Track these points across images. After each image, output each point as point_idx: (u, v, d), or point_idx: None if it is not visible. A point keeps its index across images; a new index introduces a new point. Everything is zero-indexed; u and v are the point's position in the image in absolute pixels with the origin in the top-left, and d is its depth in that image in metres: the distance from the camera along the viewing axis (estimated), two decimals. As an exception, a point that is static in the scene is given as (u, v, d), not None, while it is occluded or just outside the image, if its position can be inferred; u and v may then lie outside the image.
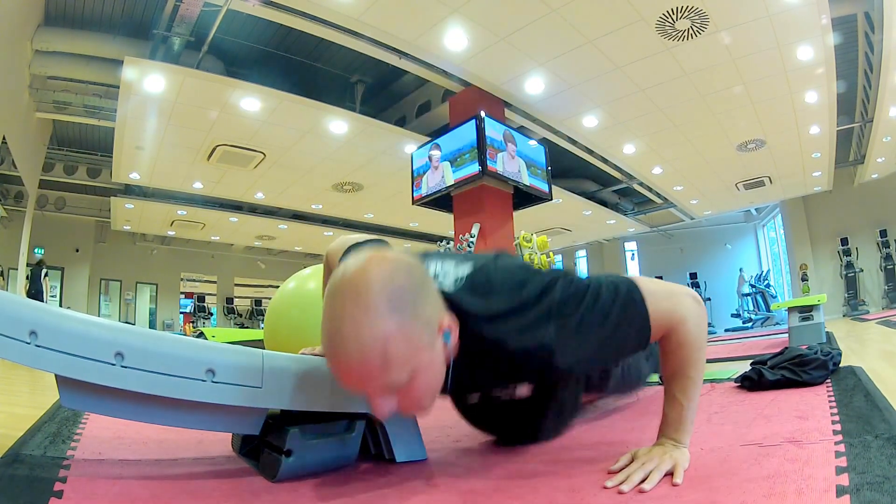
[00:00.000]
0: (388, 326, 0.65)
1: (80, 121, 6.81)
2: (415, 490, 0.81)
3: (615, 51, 5.23)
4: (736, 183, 9.32)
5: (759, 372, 1.51)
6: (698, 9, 4.60)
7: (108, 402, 0.77)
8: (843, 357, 1.72)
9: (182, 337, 0.93)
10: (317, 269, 2.24)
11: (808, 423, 0.99)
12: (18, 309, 0.71)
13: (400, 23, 4.80)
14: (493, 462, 0.97)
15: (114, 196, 8.96)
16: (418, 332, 0.69)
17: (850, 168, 9.50)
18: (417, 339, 0.69)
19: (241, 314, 13.93)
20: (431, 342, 0.71)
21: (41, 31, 5.58)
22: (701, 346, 0.83)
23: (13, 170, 6.85)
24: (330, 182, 8.52)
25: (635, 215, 11.32)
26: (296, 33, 5.51)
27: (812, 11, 4.67)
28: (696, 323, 0.82)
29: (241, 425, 0.89)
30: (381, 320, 0.65)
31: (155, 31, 5.36)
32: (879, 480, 0.62)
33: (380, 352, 0.65)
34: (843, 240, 10.31)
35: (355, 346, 0.65)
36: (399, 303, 0.67)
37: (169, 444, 1.14)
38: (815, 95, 6.14)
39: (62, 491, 0.75)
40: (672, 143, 7.45)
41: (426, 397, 0.74)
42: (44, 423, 1.25)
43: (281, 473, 0.84)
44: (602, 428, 1.26)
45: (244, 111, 6.17)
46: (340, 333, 0.66)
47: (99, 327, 0.76)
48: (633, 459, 0.80)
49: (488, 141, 5.47)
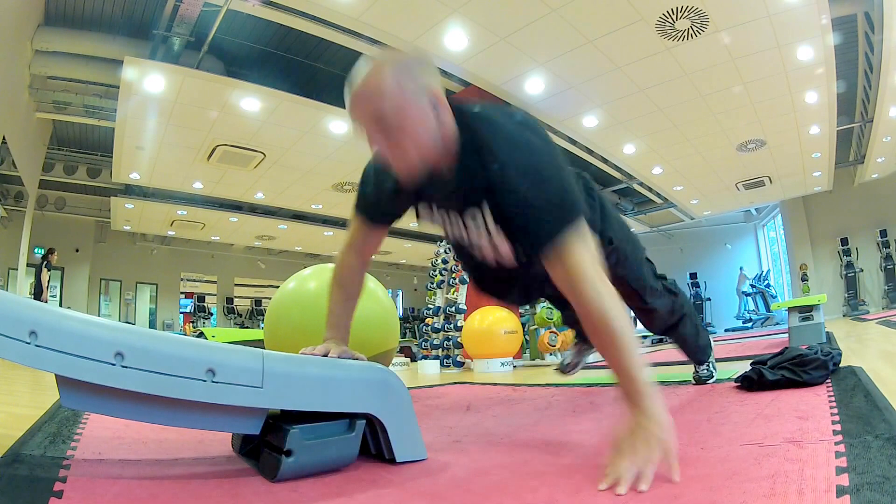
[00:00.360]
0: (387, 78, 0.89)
1: (80, 121, 6.80)
2: (415, 490, 0.81)
3: (615, 51, 5.23)
4: (736, 183, 9.31)
5: (759, 372, 1.51)
6: (698, 9, 4.60)
7: (108, 402, 0.77)
8: (843, 357, 1.72)
9: (182, 337, 0.93)
10: (316, 269, 2.24)
11: (808, 423, 0.99)
12: (18, 309, 0.71)
13: (400, 23, 4.80)
14: (493, 462, 0.97)
15: (114, 196, 8.95)
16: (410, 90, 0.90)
17: (850, 168, 9.50)
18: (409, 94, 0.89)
19: (241, 314, 13.92)
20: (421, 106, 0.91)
21: (41, 31, 5.57)
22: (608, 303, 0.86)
23: (13, 170, 6.84)
24: (330, 182, 8.52)
25: (635, 215, 11.31)
26: (296, 33, 5.50)
27: (812, 11, 4.67)
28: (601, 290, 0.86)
29: (241, 425, 0.89)
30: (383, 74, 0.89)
31: (155, 31, 5.35)
32: (879, 480, 0.62)
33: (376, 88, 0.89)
34: (843, 240, 10.31)
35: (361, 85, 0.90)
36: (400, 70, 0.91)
37: (169, 444, 1.14)
38: (815, 95, 6.14)
39: (62, 491, 0.75)
40: (672, 143, 7.45)
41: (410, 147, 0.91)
42: (44, 423, 1.25)
43: (281, 473, 0.84)
44: (604, 428, 1.26)
45: (244, 111, 6.17)
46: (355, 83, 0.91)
47: (99, 327, 0.76)
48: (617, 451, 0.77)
49: (489, 141, 5.47)
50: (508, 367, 4.28)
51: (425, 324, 5.55)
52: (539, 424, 1.40)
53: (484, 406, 1.85)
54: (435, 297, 5.52)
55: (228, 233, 11.80)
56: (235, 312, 13.84)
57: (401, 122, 0.89)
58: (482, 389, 2.47)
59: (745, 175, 8.91)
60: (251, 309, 13.98)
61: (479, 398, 2.11)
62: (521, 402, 1.87)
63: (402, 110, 0.89)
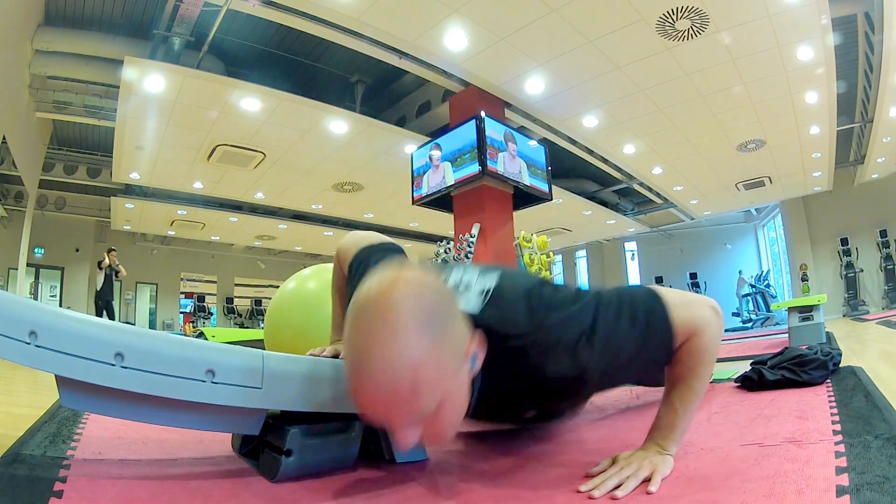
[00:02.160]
0: (418, 352, 0.61)
1: (80, 121, 6.81)
2: (414, 490, 0.81)
3: (615, 51, 5.23)
4: (736, 183, 9.32)
5: (759, 372, 1.51)
6: (698, 9, 4.60)
7: (108, 402, 0.77)
8: (843, 357, 1.72)
9: (182, 337, 0.93)
10: (317, 269, 2.24)
11: (808, 423, 0.99)
12: (18, 309, 0.71)
13: (400, 23, 4.80)
14: (493, 462, 0.97)
15: (114, 196, 8.96)
16: (447, 358, 0.65)
17: (850, 168, 9.50)
18: (446, 365, 0.65)
19: (241, 314, 13.92)
20: (459, 367, 0.68)
21: (41, 31, 5.58)
22: (712, 359, 0.81)
23: (13, 170, 6.85)
24: (330, 182, 8.52)
25: (635, 215, 11.31)
26: (296, 33, 5.51)
27: (812, 11, 4.67)
28: (712, 334, 0.80)
29: (241, 425, 0.89)
30: (411, 345, 0.61)
31: (155, 31, 5.36)
32: (879, 480, 0.62)
33: (410, 379, 0.60)
34: (843, 240, 10.31)
35: (384, 372, 0.60)
36: (429, 326, 0.63)
37: (169, 444, 1.14)
38: (815, 95, 6.14)
39: (62, 491, 0.75)
40: (672, 143, 7.45)
41: (451, 426, 0.70)
42: (44, 423, 1.25)
43: (281, 473, 0.84)
44: (603, 428, 1.26)
45: (244, 111, 6.17)
46: (368, 359, 0.61)
47: (99, 327, 0.76)
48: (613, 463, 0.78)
49: (489, 141, 5.47)
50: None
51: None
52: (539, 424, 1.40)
53: (484, 406, 1.85)
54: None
55: (228, 233, 11.81)
56: (235, 312, 13.84)
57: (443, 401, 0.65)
58: (482, 389, 2.46)
59: (745, 175, 8.91)
60: (251, 309, 13.98)
61: (479, 398, 2.10)
62: (521, 402, 1.86)
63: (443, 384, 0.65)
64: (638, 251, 14.61)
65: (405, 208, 7.65)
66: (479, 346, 0.72)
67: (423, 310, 0.63)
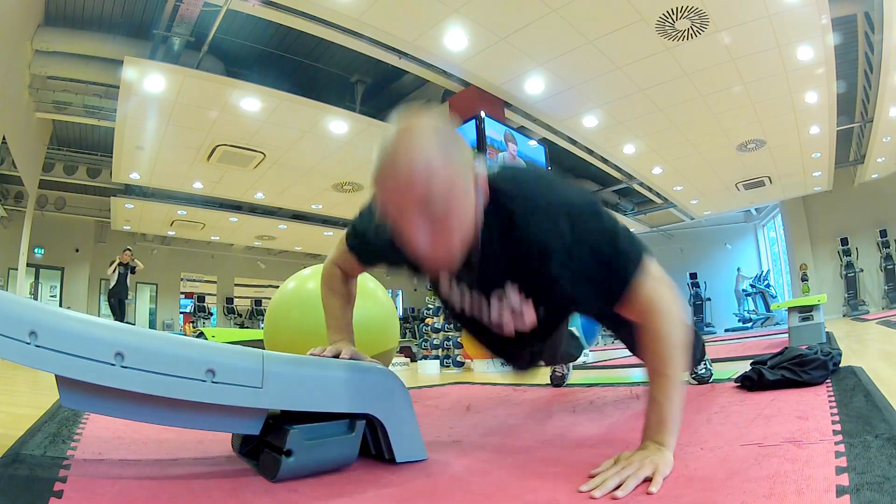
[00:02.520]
0: (433, 152, 0.74)
1: (80, 121, 6.80)
2: (415, 490, 0.81)
3: (615, 51, 5.23)
4: (736, 183, 9.32)
5: (759, 372, 1.51)
6: (698, 9, 4.60)
7: (108, 402, 0.77)
8: (843, 357, 1.72)
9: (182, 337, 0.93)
10: (317, 269, 2.24)
11: (808, 423, 0.99)
12: (18, 309, 0.71)
13: (400, 23, 4.80)
14: (493, 462, 0.97)
15: (114, 196, 8.95)
16: (458, 169, 0.76)
17: (850, 168, 9.50)
18: (456, 174, 0.76)
19: (241, 314, 13.91)
20: (467, 187, 0.78)
21: (41, 31, 5.57)
22: (678, 344, 0.83)
23: (13, 170, 6.84)
24: (330, 182, 8.52)
25: (635, 215, 11.31)
26: (296, 33, 5.50)
27: (812, 11, 4.67)
28: (670, 316, 0.83)
29: (241, 425, 0.89)
30: (428, 147, 0.74)
31: (155, 31, 5.36)
32: (879, 480, 0.62)
33: (424, 167, 0.72)
34: (843, 240, 10.31)
35: (405, 162, 0.73)
36: (444, 142, 0.76)
37: (169, 444, 1.14)
38: (815, 95, 6.14)
39: (62, 491, 0.75)
40: (672, 143, 7.45)
41: (455, 238, 0.78)
42: (44, 423, 1.25)
43: (281, 473, 0.84)
44: (603, 428, 1.26)
45: (244, 111, 6.17)
46: (393, 154, 0.74)
47: (99, 327, 0.76)
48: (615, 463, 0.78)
49: (489, 141, 5.47)
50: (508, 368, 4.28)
51: (425, 324, 5.56)
52: (539, 424, 1.41)
53: (484, 406, 1.85)
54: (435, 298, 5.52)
55: (228, 233, 11.80)
56: (235, 312, 13.83)
57: (448, 209, 0.75)
58: (482, 389, 2.47)
59: (745, 175, 8.91)
60: (251, 309, 13.97)
61: (480, 398, 2.11)
62: (520, 403, 1.87)
63: (451, 193, 0.74)
64: (638, 251, 14.59)
65: (405, 208, 7.64)
66: (484, 188, 0.82)
67: (443, 133, 0.77)
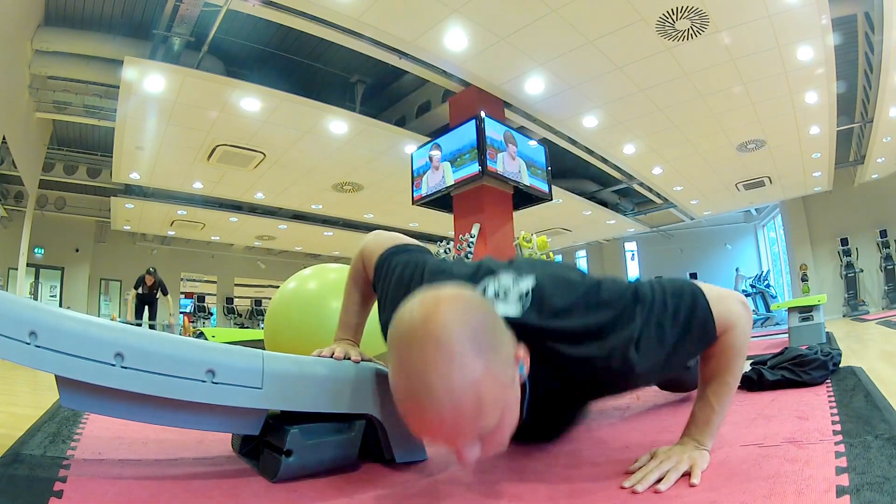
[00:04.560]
0: (477, 372, 0.61)
1: (80, 121, 6.81)
2: (415, 490, 0.81)
3: (615, 51, 5.23)
4: (736, 183, 9.31)
5: (759, 372, 1.51)
6: (698, 9, 4.60)
7: (108, 402, 0.77)
8: (843, 357, 1.72)
9: (182, 337, 0.93)
10: (317, 269, 2.24)
11: (808, 424, 0.99)
12: (18, 309, 0.71)
13: (400, 23, 4.80)
14: (492, 462, 0.97)
15: (114, 196, 8.95)
16: (502, 371, 0.66)
17: (850, 168, 9.49)
18: (502, 379, 0.65)
19: (241, 314, 13.92)
20: (513, 378, 0.68)
21: (41, 31, 5.57)
22: (743, 353, 0.83)
23: (13, 170, 6.85)
24: (330, 182, 8.52)
25: (635, 215, 11.31)
26: (296, 33, 5.51)
27: (812, 11, 4.67)
28: (744, 329, 0.81)
29: (241, 425, 0.89)
30: (469, 366, 0.61)
31: (155, 31, 5.36)
32: (879, 481, 0.62)
33: (473, 399, 0.61)
34: (843, 240, 10.31)
35: (447, 397, 0.60)
36: (481, 344, 0.63)
37: (169, 444, 1.14)
38: (815, 96, 6.14)
39: (62, 491, 0.75)
40: (672, 143, 7.45)
41: (508, 435, 0.70)
42: (44, 423, 1.25)
43: (281, 473, 0.84)
44: (603, 428, 1.26)
45: (244, 111, 6.17)
46: (427, 386, 0.60)
47: (99, 327, 0.76)
48: (652, 458, 0.79)
49: (489, 141, 5.47)
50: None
51: (425, 324, 5.55)
52: (539, 424, 1.40)
53: (484, 406, 1.85)
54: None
55: (228, 233, 11.80)
56: (235, 312, 13.84)
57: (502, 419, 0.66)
58: (482, 389, 2.46)
59: (745, 175, 8.91)
60: (251, 309, 13.98)
61: (479, 398, 2.10)
62: (521, 403, 1.86)
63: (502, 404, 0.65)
64: (638, 251, 14.61)
65: (405, 208, 7.64)
66: (525, 351, 0.72)
67: (473, 329, 0.63)
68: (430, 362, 0.60)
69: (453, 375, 0.60)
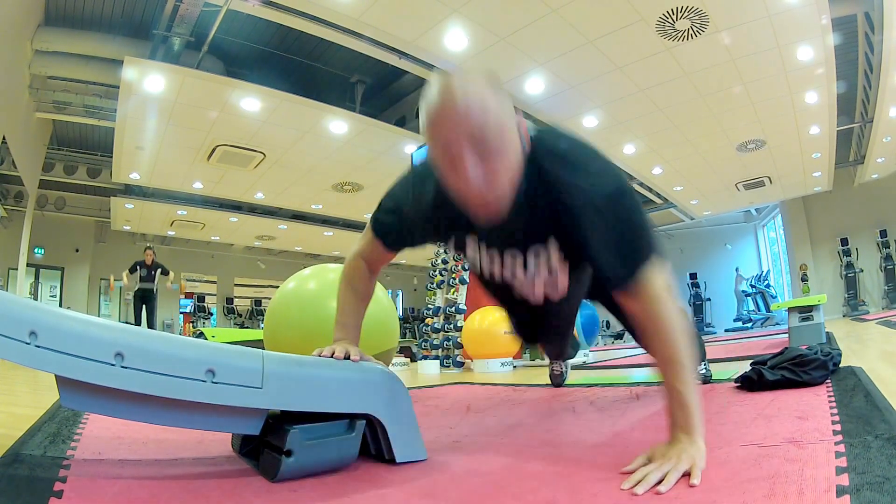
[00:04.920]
0: (487, 91, 0.79)
1: (80, 121, 6.80)
2: (415, 490, 0.81)
3: (615, 51, 5.23)
4: (736, 183, 9.32)
5: (759, 372, 1.51)
6: (698, 9, 4.60)
7: (108, 402, 0.77)
8: (843, 357, 1.72)
9: (182, 337, 0.93)
10: (317, 270, 2.24)
11: (808, 424, 0.99)
12: (18, 309, 0.71)
13: (400, 23, 4.80)
14: (493, 462, 0.97)
15: (114, 196, 8.95)
16: (507, 110, 0.81)
17: (850, 168, 9.50)
18: (506, 114, 0.80)
19: (241, 314, 13.91)
20: (515, 129, 0.82)
21: (41, 31, 5.57)
22: (682, 330, 0.85)
23: (13, 170, 6.85)
24: (330, 182, 8.52)
25: (635, 215, 11.30)
26: (296, 33, 5.50)
27: (812, 11, 4.67)
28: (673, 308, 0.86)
29: (241, 425, 0.89)
30: (482, 87, 0.79)
31: (155, 31, 5.36)
32: (879, 481, 0.62)
33: (480, 101, 0.77)
34: (843, 240, 10.31)
35: (461, 97, 0.77)
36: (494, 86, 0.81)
37: (169, 444, 1.14)
38: (815, 96, 6.14)
39: (62, 491, 0.75)
40: (672, 143, 7.45)
41: (505, 177, 0.81)
42: (44, 423, 1.25)
43: (281, 473, 0.84)
44: (604, 428, 1.26)
45: (244, 111, 6.17)
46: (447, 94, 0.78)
47: (99, 327, 0.76)
48: (649, 459, 0.79)
49: (489, 141, 5.47)
50: (508, 368, 4.28)
51: (425, 324, 5.55)
52: (539, 424, 1.40)
53: (484, 406, 1.85)
54: (435, 297, 5.52)
55: (228, 233, 11.80)
56: (235, 312, 13.82)
57: (501, 145, 0.78)
58: (482, 390, 2.47)
59: (745, 175, 8.91)
60: (251, 309, 13.97)
61: (479, 398, 2.11)
62: (521, 403, 1.87)
63: (503, 130, 0.79)
64: (638, 251, 14.59)
65: (405, 208, 7.63)
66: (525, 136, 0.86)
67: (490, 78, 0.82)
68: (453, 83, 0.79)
69: (468, 88, 0.78)
